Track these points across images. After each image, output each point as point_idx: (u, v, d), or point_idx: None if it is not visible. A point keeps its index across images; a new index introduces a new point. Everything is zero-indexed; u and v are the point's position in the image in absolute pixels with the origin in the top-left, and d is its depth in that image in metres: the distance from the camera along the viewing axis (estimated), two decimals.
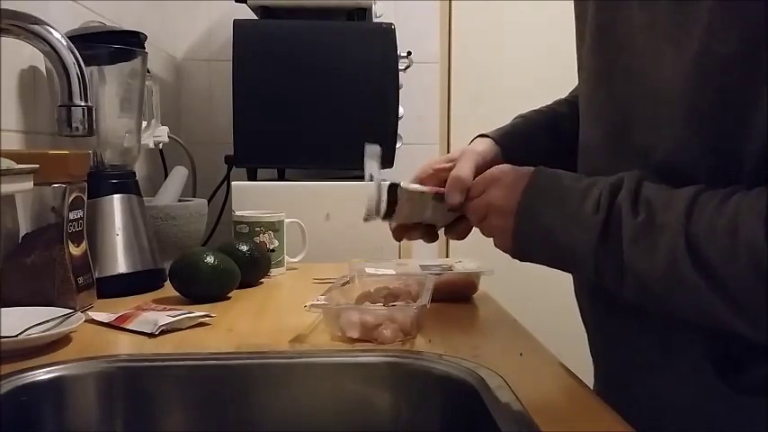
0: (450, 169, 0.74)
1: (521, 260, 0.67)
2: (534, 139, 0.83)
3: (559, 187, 0.63)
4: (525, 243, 0.65)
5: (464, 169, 0.73)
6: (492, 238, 0.69)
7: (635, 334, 0.65)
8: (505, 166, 0.70)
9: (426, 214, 0.75)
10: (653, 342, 0.63)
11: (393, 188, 0.72)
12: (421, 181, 0.77)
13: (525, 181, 0.65)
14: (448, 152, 0.85)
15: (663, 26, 0.57)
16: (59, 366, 0.64)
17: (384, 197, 0.71)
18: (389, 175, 0.75)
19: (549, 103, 0.88)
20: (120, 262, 0.96)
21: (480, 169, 0.73)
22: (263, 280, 1.07)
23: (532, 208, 0.63)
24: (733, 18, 0.52)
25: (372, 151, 0.71)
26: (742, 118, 0.53)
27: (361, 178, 0.74)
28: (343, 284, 0.86)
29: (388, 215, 0.73)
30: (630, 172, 0.59)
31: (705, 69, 0.54)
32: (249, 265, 1.00)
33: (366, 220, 0.73)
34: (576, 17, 0.73)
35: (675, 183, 0.57)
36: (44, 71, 1.02)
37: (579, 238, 0.59)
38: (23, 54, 0.98)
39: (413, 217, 0.75)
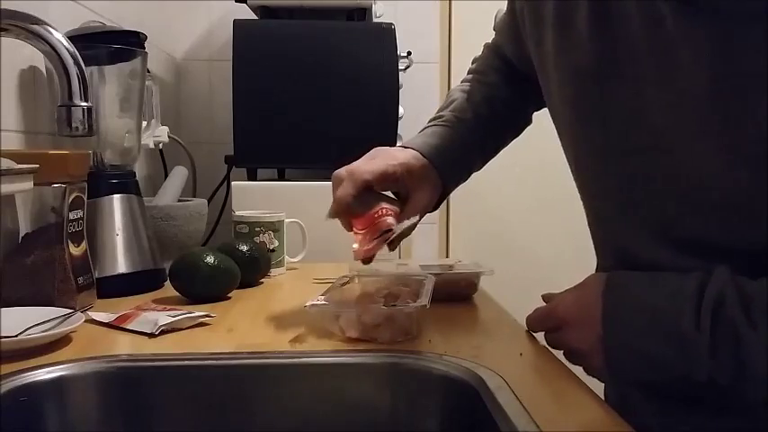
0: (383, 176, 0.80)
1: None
2: (470, 163, 0.88)
3: (643, 307, 0.59)
4: (623, 372, 0.63)
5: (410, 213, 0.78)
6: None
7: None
8: (568, 298, 0.67)
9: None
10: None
11: None
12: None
13: (599, 311, 0.61)
14: None
15: (696, 114, 0.56)
16: (59, 366, 0.64)
17: None
18: None
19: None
20: (120, 262, 0.96)
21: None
22: (263, 280, 1.07)
23: (622, 341, 0.60)
24: None
25: None
26: None
27: None
28: (343, 284, 0.86)
29: None
30: (719, 272, 0.56)
31: (754, 165, 0.53)
32: (249, 265, 1.00)
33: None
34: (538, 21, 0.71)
35: (701, 258, 0.57)
36: (44, 71, 1.02)
37: (686, 359, 0.56)
38: (23, 54, 0.98)
39: None
